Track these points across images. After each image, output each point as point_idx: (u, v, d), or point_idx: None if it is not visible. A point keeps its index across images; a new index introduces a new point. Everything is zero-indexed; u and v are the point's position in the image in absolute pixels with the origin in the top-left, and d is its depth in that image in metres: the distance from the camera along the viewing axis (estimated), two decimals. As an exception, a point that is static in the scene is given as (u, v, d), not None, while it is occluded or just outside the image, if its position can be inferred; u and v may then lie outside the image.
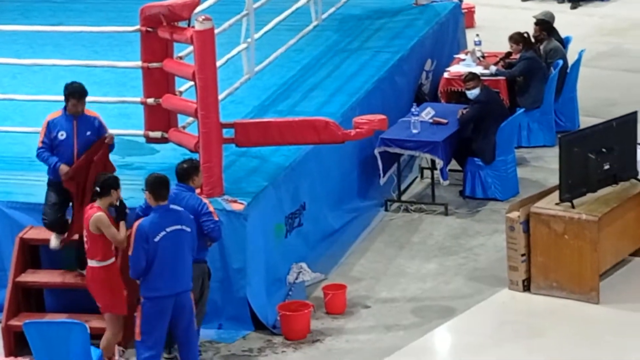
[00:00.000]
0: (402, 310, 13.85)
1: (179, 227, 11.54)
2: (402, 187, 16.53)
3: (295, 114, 15.06)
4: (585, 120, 17.43)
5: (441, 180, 16.17)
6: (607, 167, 14.30)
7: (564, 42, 18.59)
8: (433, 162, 16.18)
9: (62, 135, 12.81)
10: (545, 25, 18.25)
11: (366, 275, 14.61)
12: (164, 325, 11.65)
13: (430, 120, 16.29)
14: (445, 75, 18.08)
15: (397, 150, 16.03)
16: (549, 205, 14.13)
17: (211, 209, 12.28)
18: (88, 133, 12.89)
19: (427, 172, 16.72)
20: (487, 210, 15.96)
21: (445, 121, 16.26)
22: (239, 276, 13.36)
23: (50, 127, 12.88)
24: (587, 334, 13.30)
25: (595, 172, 14.23)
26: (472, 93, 16.37)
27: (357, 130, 13.81)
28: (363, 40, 17.92)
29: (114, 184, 12.15)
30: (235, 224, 13.21)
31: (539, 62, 17.72)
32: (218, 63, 13.45)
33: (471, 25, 21.49)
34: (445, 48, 18.92)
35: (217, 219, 12.28)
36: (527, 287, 14.05)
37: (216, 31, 13.30)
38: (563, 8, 23.43)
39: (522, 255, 14.03)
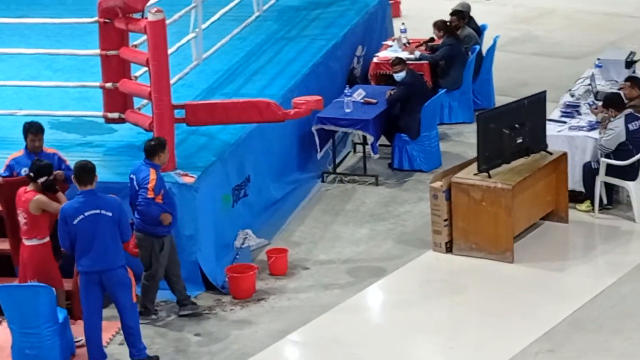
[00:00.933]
0: (338, 271, 13.83)
1: (97, 211, 11.36)
2: (337, 161, 16.51)
3: (239, 95, 15.02)
4: (500, 99, 17.47)
5: (372, 154, 16.17)
6: (519, 140, 14.33)
7: (481, 30, 18.63)
8: (364, 138, 16.18)
9: (24, 172, 12.36)
10: (459, 15, 18.27)
11: (305, 240, 14.59)
12: (95, 296, 11.62)
13: (362, 101, 16.29)
14: (375, 60, 18.08)
15: (332, 128, 16.03)
16: (468, 175, 14.15)
17: (150, 185, 12.16)
18: None
19: (359, 147, 16.70)
20: (413, 180, 15.96)
21: (374, 101, 16.27)
22: (191, 242, 13.33)
23: (12, 165, 12.64)
24: (503, 290, 13.35)
25: (509, 145, 14.26)
26: (399, 76, 16.37)
27: (296, 110, 13.81)
28: (300, 29, 17.87)
29: (47, 172, 11.94)
30: (187, 195, 13.18)
31: (459, 48, 17.74)
32: (169, 50, 13.39)
33: (397, 14, 21.47)
34: (374, 35, 18.89)
35: (151, 195, 12.16)
36: (449, 248, 14.09)
37: (167, 22, 13.24)
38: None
39: (445, 220, 14.05)
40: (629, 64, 17.03)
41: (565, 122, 15.50)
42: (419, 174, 16.02)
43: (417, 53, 17.89)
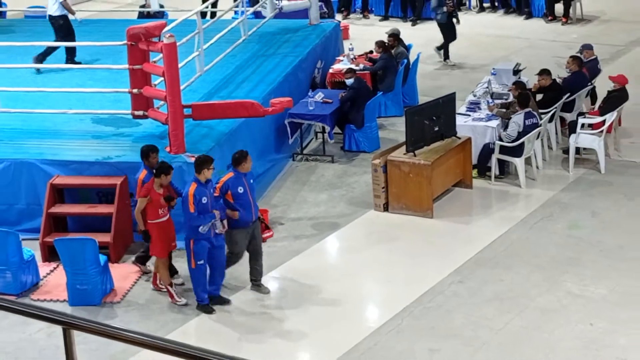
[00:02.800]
0: (305, 226, 13.86)
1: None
2: (303, 145, 16.49)
3: (232, 97, 14.99)
4: (422, 99, 17.48)
5: (329, 139, 16.17)
6: (436, 129, 14.38)
7: (408, 48, 18.63)
8: (323, 128, 16.18)
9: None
10: (394, 37, 18.28)
11: (281, 203, 14.60)
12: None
13: (321, 101, 16.27)
14: (330, 70, 18.08)
15: (300, 121, 16.01)
16: (399, 155, 14.19)
17: (217, 186, 11.64)
18: None
19: (319, 135, 16.69)
20: (359, 159, 15.97)
21: (330, 101, 16.26)
22: (197, 205, 13.30)
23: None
24: (425, 238, 13.41)
25: (429, 132, 14.30)
26: (349, 81, 16.38)
27: (273, 108, 13.83)
28: (275, 48, 17.83)
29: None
30: (194, 171, 13.10)
31: (392, 61, 17.75)
32: (179, 65, 13.32)
33: (346, 37, 21.42)
34: (329, 52, 18.87)
35: (217, 194, 11.52)
36: (386, 208, 14.12)
37: (178, 44, 13.18)
38: (407, 25, 23.47)
39: (382, 187, 14.09)
40: (515, 72, 17.13)
41: (469, 115, 15.56)
42: (363, 154, 16.02)
43: (361, 65, 17.92)
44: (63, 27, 16.96)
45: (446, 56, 20.51)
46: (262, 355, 10.74)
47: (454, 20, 20.49)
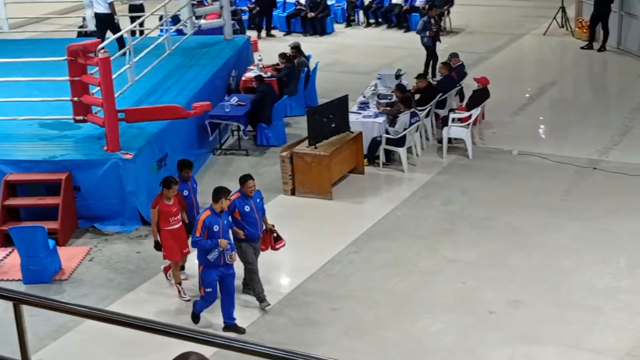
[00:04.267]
0: (224, 209, 13.76)
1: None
2: (222, 141, 16.35)
3: (159, 103, 14.76)
4: (321, 100, 17.47)
5: (243, 136, 16.09)
6: (333, 125, 14.41)
7: (308, 58, 18.62)
8: (238, 126, 16.09)
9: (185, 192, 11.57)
10: (296, 49, 18.24)
11: (204, 191, 14.32)
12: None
13: (236, 104, 16.15)
14: (243, 78, 17.94)
15: (218, 121, 15.87)
16: (303, 147, 14.19)
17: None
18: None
19: (235, 133, 16.56)
20: (270, 152, 15.91)
21: (243, 104, 16.15)
22: (132, 195, 13.13)
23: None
24: (327, 217, 13.43)
25: (327, 128, 14.32)
26: (259, 87, 16.32)
27: (195, 110, 13.77)
28: (196, 60, 17.63)
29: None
30: (127, 166, 12.97)
31: (294, 69, 17.71)
32: (113, 76, 13.11)
33: (256, 50, 21.30)
34: (242, 63, 18.72)
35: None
36: (293, 193, 14.10)
37: (111, 58, 12.98)
38: (307, 39, 23.44)
39: (290, 175, 14.08)
40: (397, 76, 17.24)
41: (360, 113, 15.62)
42: (273, 148, 15.95)
43: (269, 73, 17.84)
44: (110, 23, 17.49)
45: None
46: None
47: (437, 42, 19.53)
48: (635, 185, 13.93)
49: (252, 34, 22.81)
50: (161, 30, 19.22)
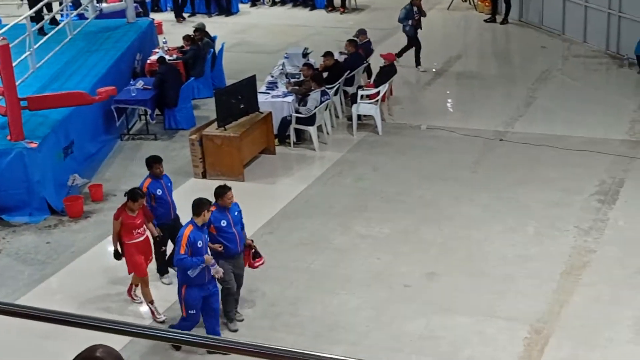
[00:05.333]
0: (135, 195, 13.61)
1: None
2: (129, 126, 16.11)
3: (63, 89, 14.44)
4: (229, 81, 17.35)
5: (150, 120, 15.89)
6: (242, 106, 14.36)
7: (213, 39, 18.48)
8: (145, 111, 15.88)
9: (159, 192, 10.88)
10: (200, 31, 18.07)
11: (113, 178, 14.27)
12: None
13: (142, 87, 15.95)
14: (148, 61, 17.72)
15: (124, 106, 15.67)
16: (212, 130, 14.11)
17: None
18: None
19: (142, 117, 16.33)
20: (178, 135, 15.77)
21: (150, 87, 15.96)
22: (39, 184, 12.84)
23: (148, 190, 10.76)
24: (239, 198, 13.24)
25: (236, 109, 14.26)
26: (159, 69, 16.21)
27: (100, 96, 13.54)
28: (99, 45, 17.32)
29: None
30: (33, 155, 12.68)
31: (200, 51, 17.58)
32: (14, 63, 12.79)
33: (160, 32, 21.02)
34: (146, 46, 18.47)
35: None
36: (204, 176, 14.02)
37: (10, 45, 12.64)
38: (212, 19, 23.26)
39: (200, 158, 13.99)
40: (304, 55, 17.26)
41: (269, 93, 15.59)
42: (182, 131, 15.82)
43: (174, 56, 17.66)
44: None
45: (417, 63, 18.83)
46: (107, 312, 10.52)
47: (419, 30, 18.79)
48: (540, 155, 14.28)
49: (155, 16, 22.49)
50: (62, 15, 18.80)
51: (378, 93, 15.60)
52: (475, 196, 12.96)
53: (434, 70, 18.95)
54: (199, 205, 9.50)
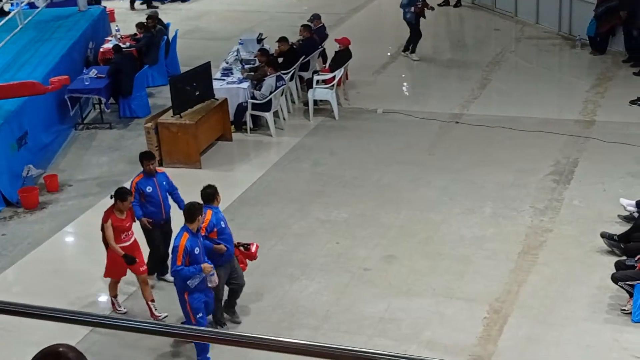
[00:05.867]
0: (91, 185, 13.52)
1: None
2: (84, 115, 15.98)
3: (14, 79, 14.23)
4: (183, 68, 17.26)
5: (105, 109, 15.76)
6: (197, 93, 14.29)
7: (167, 26, 18.35)
8: (100, 99, 15.76)
9: (149, 189, 10.37)
10: (153, 18, 17.93)
11: (68, 167, 14.15)
12: None
13: (95, 76, 15.80)
14: (101, 49, 17.56)
15: (78, 95, 15.49)
16: (168, 117, 14.03)
17: (204, 225, 9.40)
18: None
19: (97, 106, 16.20)
20: (134, 124, 15.68)
21: (103, 76, 15.80)
22: (-8, 176, 12.70)
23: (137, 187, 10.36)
24: (197, 186, 13.26)
25: (192, 96, 14.19)
26: (113, 58, 16.06)
27: (53, 86, 13.39)
28: (50, 33, 17.11)
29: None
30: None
31: (153, 39, 17.44)
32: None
33: (113, 20, 20.85)
34: (99, 34, 18.29)
35: (203, 233, 9.36)
36: (161, 164, 13.82)
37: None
38: (165, 6, 23.11)
39: (156, 146, 13.91)
40: (259, 41, 17.21)
41: (224, 80, 15.53)
42: (137, 119, 15.71)
43: (127, 44, 17.50)
44: None
45: (413, 50, 18.51)
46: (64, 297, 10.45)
47: (421, 19, 18.29)
48: (496, 137, 14.41)
49: (107, 4, 22.26)
50: (12, 5, 18.56)
51: (334, 78, 15.62)
52: (432, 179, 13.05)
53: (388, 54, 18.98)
54: (191, 211, 9.08)
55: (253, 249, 10.03)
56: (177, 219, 10.06)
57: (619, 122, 14.68)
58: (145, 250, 10.39)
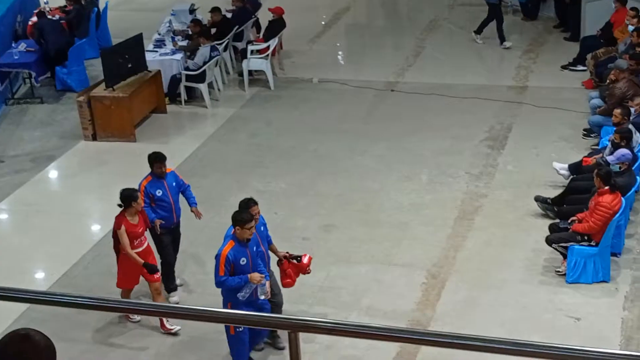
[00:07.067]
0: (24, 160, 13.36)
1: None
2: (14, 90, 15.66)
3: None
4: (115, 41, 16.93)
5: (35, 83, 15.47)
6: (130, 65, 14.12)
7: (98, -4, 18.12)
8: (30, 73, 15.45)
9: (159, 192, 9.63)
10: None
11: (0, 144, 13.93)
12: None
13: (25, 50, 15.49)
14: (29, 23, 17.15)
15: (7, 69, 15.24)
16: (100, 90, 13.87)
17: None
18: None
19: (27, 80, 15.86)
20: (66, 98, 15.46)
21: (33, 49, 15.51)
22: None
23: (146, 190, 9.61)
24: (132, 159, 13.18)
25: (124, 69, 14.04)
26: (36, 24, 15.96)
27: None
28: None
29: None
30: None
31: (83, 10, 17.15)
32: None
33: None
34: (27, 7, 17.83)
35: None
36: (95, 138, 13.78)
37: None
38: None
39: (89, 120, 13.76)
40: (191, 11, 17.06)
41: (157, 51, 15.37)
42: (69, 93, 15.44)
43: (57, 16, 17.16)
44: None
45: (479, 31, 17.09)
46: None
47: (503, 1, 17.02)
48: (430, 103, 14.54)
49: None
50: None
51: (268, 47, 15.57)
52: (369, 147, 13.13)
53: (322, 22, 18.96)
54: (242, 221, 8.28)
55: (305, 260, 9.07)
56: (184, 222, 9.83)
57: (551, 87, 14.92)
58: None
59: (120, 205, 9.05)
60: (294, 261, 9.00)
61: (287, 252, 9.05)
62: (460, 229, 10.93)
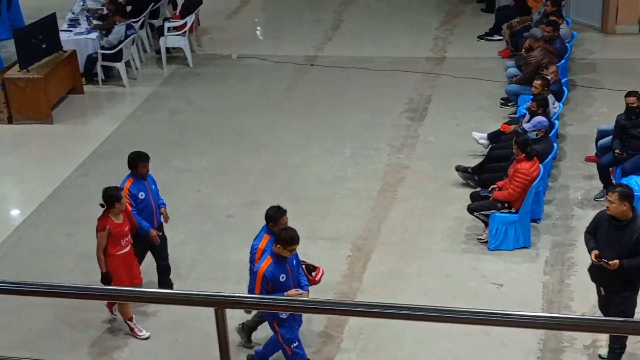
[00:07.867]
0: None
1: None
2: None
3: None
4: (27, 21, 16.47)
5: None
6: (44, 46, 13.82)
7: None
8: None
9: (141, 195, 9.08)
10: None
11: None
12: None
13: None
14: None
15: None
16: (14, 72, 13.57)
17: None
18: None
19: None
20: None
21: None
22: None
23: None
24: (50, 142, 12.96)
25: (38, 49, 13.74)
26: None
27: None
28: None
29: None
30: None
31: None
32: None
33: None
34: None
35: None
36: (10, 121, 13.48)
37: None
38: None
39: (4, 103, 13.45)
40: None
41: (71, 31, 15.07)
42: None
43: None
44: None
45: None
46: None
47: None
48: (351, 77, 14.60)
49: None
50: None
51: (185, 24, 15.40)
52: (290, 122, 13.13)
53: None
54: (285, 241, 7.76)
55: (318, 277, 8.48)
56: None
57: (468, 58, 15.11)
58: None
59: (102, 205, 8.58)
60: (306, 271, 8.40)
61: (304, 261, 8.48)
62: (384, 201, 11.03)
